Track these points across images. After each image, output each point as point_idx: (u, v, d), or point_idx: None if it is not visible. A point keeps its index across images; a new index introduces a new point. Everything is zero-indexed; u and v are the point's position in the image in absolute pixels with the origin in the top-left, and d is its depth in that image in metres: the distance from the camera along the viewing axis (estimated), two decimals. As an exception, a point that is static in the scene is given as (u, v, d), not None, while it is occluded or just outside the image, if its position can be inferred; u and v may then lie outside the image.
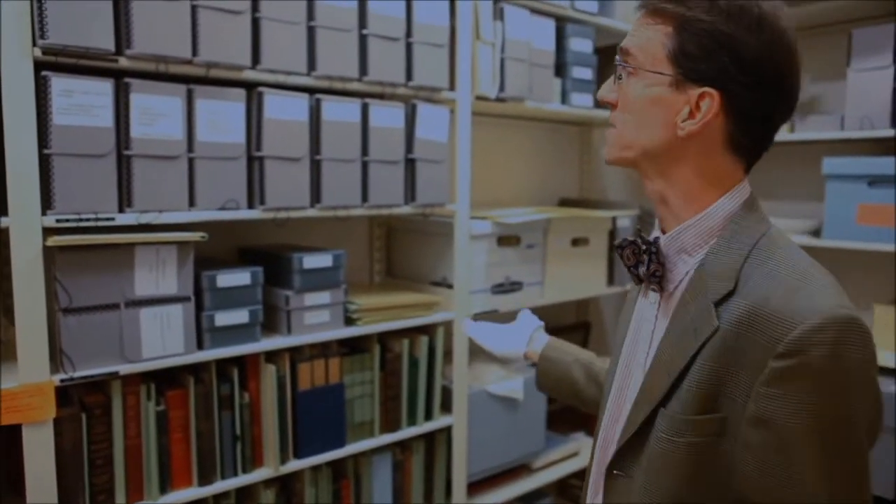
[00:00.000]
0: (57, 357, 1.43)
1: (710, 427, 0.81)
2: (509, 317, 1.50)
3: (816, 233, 2.40)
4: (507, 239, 2.20)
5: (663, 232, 0.93)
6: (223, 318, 1.62)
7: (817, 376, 0.73)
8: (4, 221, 1.33)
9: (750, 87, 0.82)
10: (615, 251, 0.97)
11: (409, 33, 1.85)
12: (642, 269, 0.92)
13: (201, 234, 1.54)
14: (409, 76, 1.87)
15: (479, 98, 2.06)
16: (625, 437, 0.91)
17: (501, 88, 2.09)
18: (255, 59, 1.60)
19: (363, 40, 1.76)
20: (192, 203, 1.55)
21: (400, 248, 2.30)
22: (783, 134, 2.40)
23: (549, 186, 2.87)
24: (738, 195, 0.88)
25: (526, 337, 1.34)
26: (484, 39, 2.03)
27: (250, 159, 1.64)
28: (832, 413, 0.74)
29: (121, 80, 1.44)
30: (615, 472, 0.93)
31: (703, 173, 0.87)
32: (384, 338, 1.97)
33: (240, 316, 1.64)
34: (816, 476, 0.75)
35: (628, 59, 0.89)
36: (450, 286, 2.08)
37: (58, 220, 1.38)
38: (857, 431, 0.75)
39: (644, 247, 0.91)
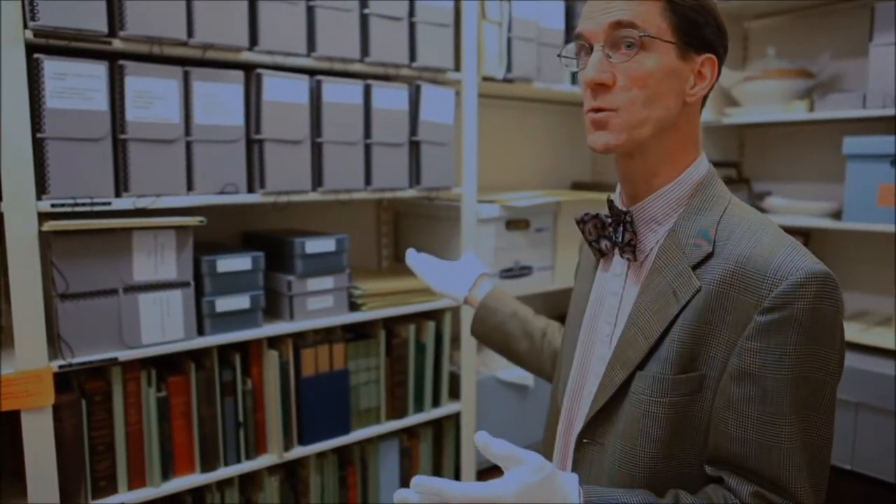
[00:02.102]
0: (55, 343, 1.42)
1: (690, 385, 0.84)
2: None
3: (837, 215, 2.33)
4: (515, 223, 2.16)
5: (627, 205, 0.95)
6: (224, 304, 1.60)
7: (800, 327, 0.78)
8: (-1, 206, 1.32)
9: (725, 50, 0.91)
10: (577, 225, 0.98)
11: (412, 12, 1.80)
12: (605, 243, 0.95)
13: (200, 218, 1.52)
14: (412, 57, 1.82)
15: (486, 79, 2.01)
16: (598, 404, 0.92)
17: (509, 69, 2.04)
18: (253, 39, 1.57)
19: (364, 20, 1.73)
20: (190, 187, 1.53)
21: (407, 232, 2.27)
22: (802, 113, 2.33)
23: (561, 170, 2.82)
24: (703, 164, 0.93)
25: (470, 281, 1.34)
26: (490, 18, 1.98)
27: (249, 142, 1.61)
28: (810, 361, 0.79)
29: (115, 63, 1.41)
30: (585, 440, 0.94)
31: (687, 139, 0.91)
32: (390, 323, 1.95)
33: (241, 301, 1.62)
34: (795, 423, 0.79)
35: (637, 30, 0.85)
36: (457, 271, 2.05)
37: (53, 205, 1.37)
38: (831, 377, 0.81)
39: (610, 219, 0.93)
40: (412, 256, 1.39)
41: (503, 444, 0.79)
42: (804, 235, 2.57)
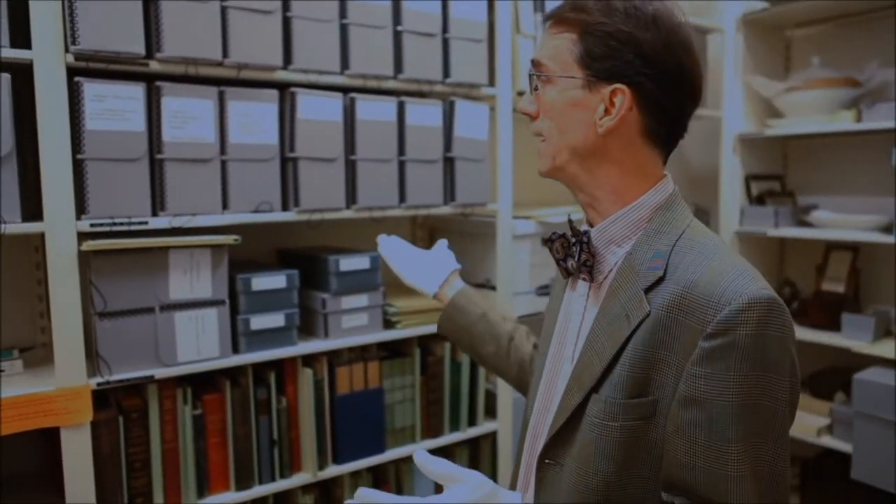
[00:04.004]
0: (94, 361, 1.44)
1: (642, 410, 0.83)
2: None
3: (887, 229, 2.24)
4: (552, 239, 2.13)
5: (591, 226, 0.96)
6: (259, 322, 1.61)
7: (743, 354, 0.77)
8: (40, 227, 1.34)
9: (655, 78, 0.87)
10: (545, 244, 1.00)
11: (445, 29, 1.80)
12: (571, 262, 0.94)
13: (234, 237, 1.53)
14: (446, 73, 1.82)
15: (521, 94, 2.00)
16: (556, 425, 0.91)
17: (544, 83, 2.02)
18: (287, 59, 1.58)
19: (398, 37, 1.73)
20: (225, 206, 1.54)
21: (443, 249, 2.25)
22: (849, 123, 2.26)
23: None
24: (663, 189, 0.92)
25: (442, 276, 1.32)
26: (524, 33, 1.97)
27: (284, 160, 1.62)
28: (758, 388, 0.77)
29: (152, 84, 1.43)
30: (546, 461, 0.93)
31: (627, 168, 0.91)
32: (425, 341, 1.93)
33: (275, 319, 1.63)
34: (743, 451, 0.77)
35: (541, 69, 0.92)
36: (493, 288, 2.03)
37: (92, 225, 1.39)
38: (780, 405, 0.79)
39: (573, 239, 0.93)
40: (384, 241, 1.39)
41: (442, 462, 0.86)
42: (853, 250, 2.48)
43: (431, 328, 1.87)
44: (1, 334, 1.62)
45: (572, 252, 0.93)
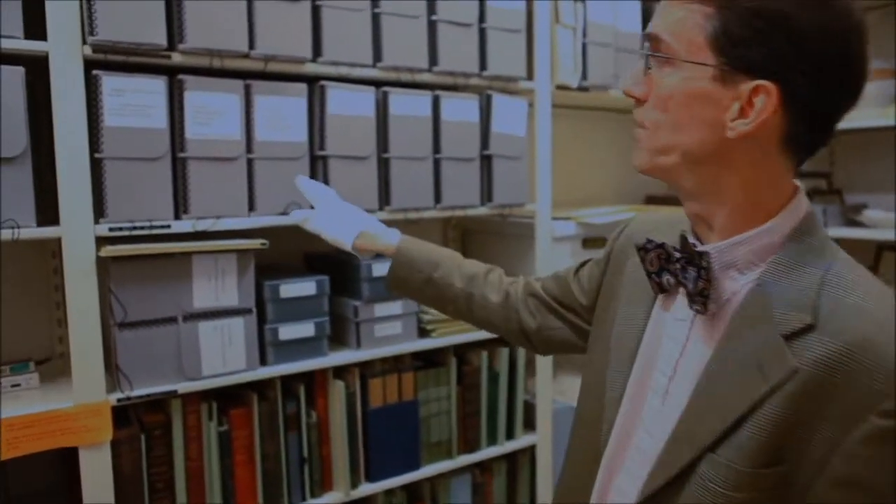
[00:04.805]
0: (113, 374, 1.34)
1: (773, 481, 0.69)
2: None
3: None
4: (592, 240, 2.02)
5: (700, 241, 0.79)
6: (287, 332, 1.50)
7: None
8: (56, 231, 1.25)
9: (811, 74, 0.68)
10: (638, 253, 0.81)
11: (482, 18, 1.69)
12: (667, 278, 0.79)
13: (262, 241, 1.43)
14: (482, 65, 1.71)
15: (560, 87, 1.89)
16: (656, 482, 0.75)
17: (584, 76, 1.91)
18: (317, 50, 1.48)
19: (432, 27, 1.62)
20: (251, 208, 1.44)
21: (477, 251, 2.14)
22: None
23: (633, 182, 2.66)
24: (798, 207, 0.75)
25: (359, 224, 1.18)
26: (564, 23, 1.86)
27: (313, 159, 1.52)
28: None
29: (174, 78, 1.34)
30: None
31: (754, 180, 0.73)
32: (461, 350, 1.82)
33: (305, 329, 1.52)
34: None
35: (659, 47, 0.73)
36: (531, 293, 1.91)
37: (111, 229, 1.29)
38: None
39: (678, 255, 0.76)
40: (305, 185, 1.26)
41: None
42: (907, 250, 2.35)
43: (468, 336, 1.77)
44: (16, 344, 1.53)
45: (673, 268, 0.78)
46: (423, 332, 1.73)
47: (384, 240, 1.18)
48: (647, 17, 2.09)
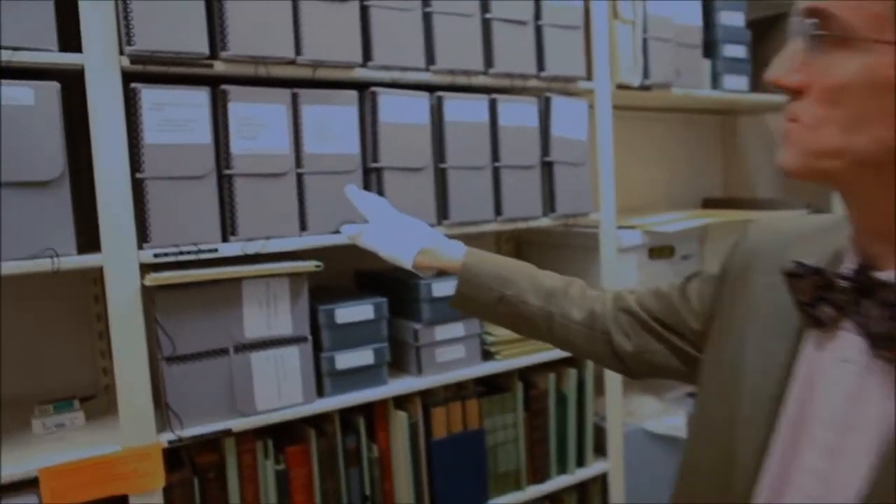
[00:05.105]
0: (163, 412, 1.24)
1: None
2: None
3: None
4: (659, 250, 1.88)
5: (873, 264, 0.63)
6: (345, 360, 1.39)
7: None
8: (97, 259, 1.15)
9: None
10: (786, 279, 0.66)
11: (537, 15, 1.58)
12: (826, 310, 0.64)
13: (315, 262, 1.32)
14: (540, 65, 1.59)
15: (620, 87, 1.76)
16: None
17: (645, 74, 1.79)
18: (366, 54, 1.37)
19: (486, 26, 1.51)
20: (303, 227, 1.33)
21: (532, 263, 2.01)
22: None
23: (689, 186, 2.52)
24: None
25: (419, 239, 1.08)
26: (623, 18, 1.74)
27: (366, 171, 1.40)
28: None
29: (217, 88, 1.24)
30: None
31: None
32: (526, 373, 1.69)
33: (363, 356, 1.41)
34: None
35: (830, 24, 0.58)
36: (596, 308, 1.78)
37: (156, 255, 1.19)
38: None
39: (846, 283, 0.62)
40: (358, 196, 1.18)
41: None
42: None
43: (534, 357, 1.63)
44: (58, 378, 1.44)
45: (837, 299, 0.63)
46: (486, 355, 1.60)
47: (448, 255, 1.06)
48: (706, 10, 1.96)
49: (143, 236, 1.19)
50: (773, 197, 2.62)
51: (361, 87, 1.39)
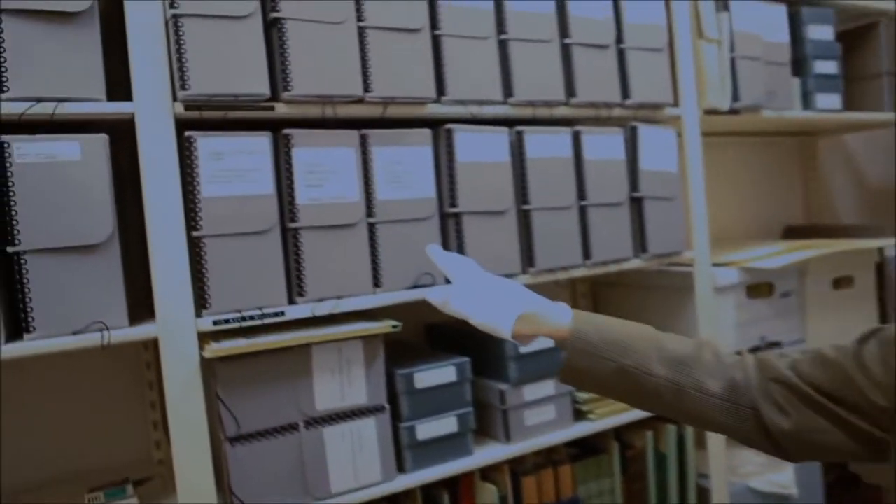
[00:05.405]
0: (225, 498, 1.09)
1: None
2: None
3: None
4: (756, 288, 1.70)
5: None
6: (426, 430, 1.23)
7: None
8: (151, 331, 1.01)
9: None
10: None
11: (619, 38, 1.43)
12: None
13: (393, 323, 1.17)
14: (624, 92, 1.44)
15: (708, 112, 1.60)
16: None
17: (735, 97, 1.62)
18: (440, 88, 1.24)
19: (566, 51, 1.37)
20: (376, 283, 1.19)
21: (613, 308, 1.84)
22: None
23: (769, 213, 2.34)
24: None
25: (517, 304, 0.91)
26: (708, 37, 1.58)
27: (443, 217, 1.26)
28: None
29: (279, 133, 1.11)
30: None
31: None
32: (621, 432, 1.51)
33: (447, 424, 1.25)
34: None
35: None
36: (691, 356, 1.60)
37: (215, 323, 1.05)
38: None
39: None
40: (440, 256, 1.04)
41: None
42: None
43: (630, 415, 1.46)
44: (108, 454, 1.31)
45: None
46: (578, 414, 1.43)
47: (553, 321, 0.90)
48: (794, 24, 1.80)
49: (201, 301, 1.05)
50: (859, 223, 2.42)
51: (435, 124, 1.25)
